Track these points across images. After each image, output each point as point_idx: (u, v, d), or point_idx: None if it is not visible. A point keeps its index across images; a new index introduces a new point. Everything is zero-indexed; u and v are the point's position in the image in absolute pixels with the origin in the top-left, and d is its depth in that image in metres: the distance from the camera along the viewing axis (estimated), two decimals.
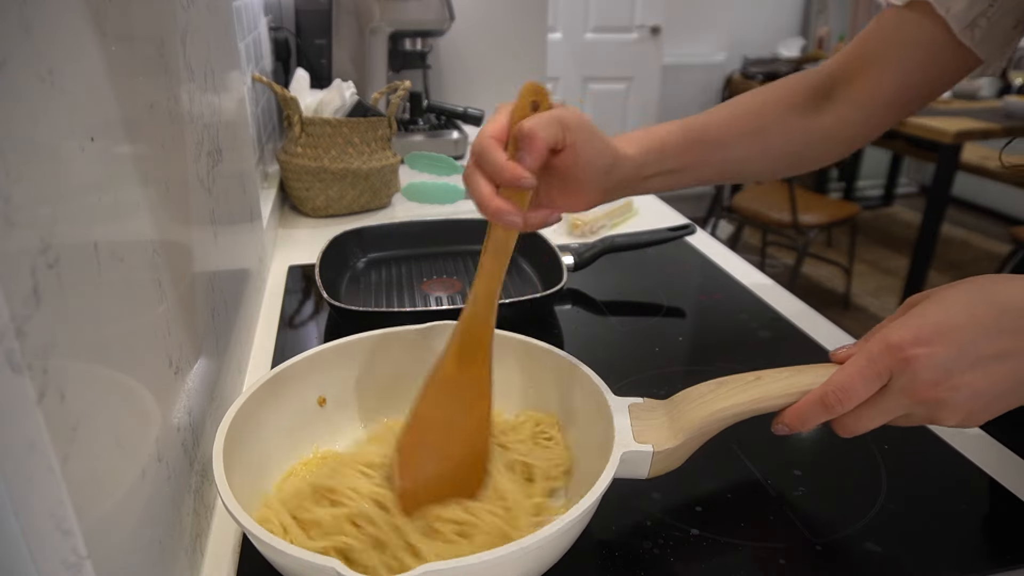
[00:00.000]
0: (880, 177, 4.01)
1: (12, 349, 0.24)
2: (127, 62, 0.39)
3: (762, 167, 0.61)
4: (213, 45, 0.63)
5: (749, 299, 0.83)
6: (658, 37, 3.30)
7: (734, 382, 0.45)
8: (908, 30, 0.55)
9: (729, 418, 0.44)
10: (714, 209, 3.06)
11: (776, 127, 0.59)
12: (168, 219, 0.44)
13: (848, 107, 0.59)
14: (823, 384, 0.42)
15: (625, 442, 0.44)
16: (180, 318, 0.45)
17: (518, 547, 0.36)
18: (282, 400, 0.51)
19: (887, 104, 0.58)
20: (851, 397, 0.41)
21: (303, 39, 1.44)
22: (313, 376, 0.54)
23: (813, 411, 0.42)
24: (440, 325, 0.56)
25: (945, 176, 2.49)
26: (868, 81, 0.58)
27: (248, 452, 0.46)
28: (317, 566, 0.34)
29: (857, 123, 0.59)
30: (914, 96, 0.58)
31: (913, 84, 0.57)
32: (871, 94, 0.58)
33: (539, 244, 0.88)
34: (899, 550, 0.47)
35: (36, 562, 0.27)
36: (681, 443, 0.44)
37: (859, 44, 0.58)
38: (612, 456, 0.42)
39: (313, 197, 1.09)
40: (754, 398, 0.44)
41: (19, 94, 0.26)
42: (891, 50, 0.56)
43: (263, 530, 0.37)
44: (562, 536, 0.38)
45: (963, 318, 0.38)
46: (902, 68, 0.56)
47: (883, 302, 2.92)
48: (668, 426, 0.45)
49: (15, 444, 0.25)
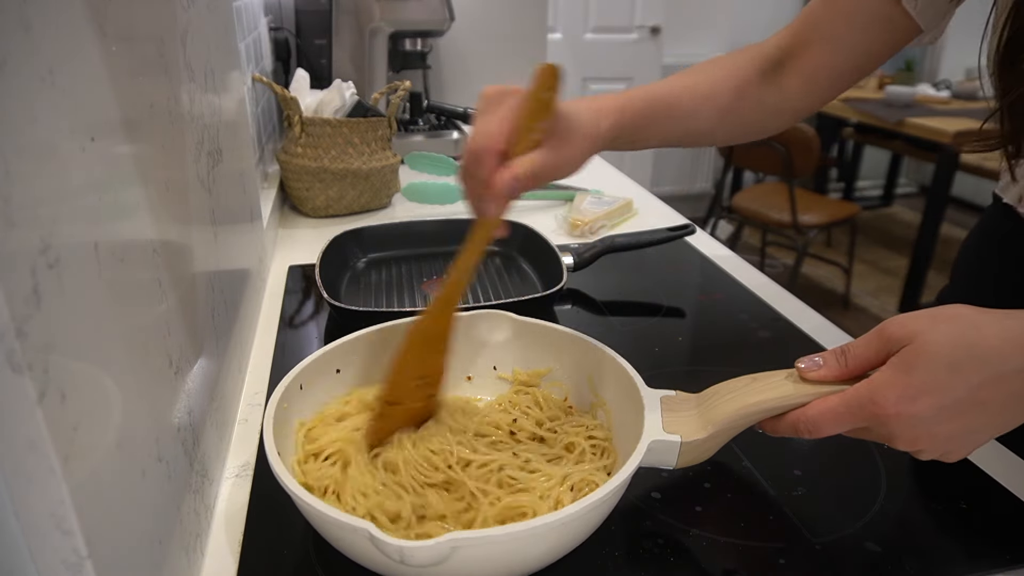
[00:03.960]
0: (880, 177, 4.01)
1: (12, 349, 0.24)
2: (127, 62, 0.39)
3: (716, 132, 0.64)
4: (213, 45, 0.63)
5: (749, 299, 0.83)
6: (658, 37, 3.30)
7: (766, 378, 0.46)
8: (856, 3, 0.58)
9: (759, 413, 0.45)
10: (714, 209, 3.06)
11: (732, 96, 0.62)
12: (168, 219, 0.44)
13: (795, 80, 0.62)
14: (798, 413, 0.43)
15: (654, 431, 0.45)
16: (180, 318, 0.45)
17: (542, 523, 0.37)
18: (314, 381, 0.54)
19: (831, 76, 0.61)
20: (822, 433, 0.43)
21: (303, 39, 1.44)
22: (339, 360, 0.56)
23: (784, 430, 0.45)
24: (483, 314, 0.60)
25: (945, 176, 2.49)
26: (814, 54, 0.60)
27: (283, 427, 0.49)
28: (352, 527, 0.37)
29: (803, 95, 0.62)
30: (857, 67, 0.61)
31: (856, 55, 0.60)
32: (816, 66, 0.61)
33: (539, 244, 0.88)
34: (899, 550, 0.47)
35: (36, 562, 0.27)
36: (709, 435, 0.45)
37: (806, 18, 0.61)
38: (640, 443, 0.44)
39: (313, 197, 1.09)
40: (784, 395, 0.44)
41: (19, 94, 0.26)
42: (835, 23, 0.59)
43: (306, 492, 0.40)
44: (586, 515, 0.40)
45: (946, 375, 0.38)
46: (846, 41, 0.59)
47: (883, 302, 2.92)
48: (697, 418, 0.46)
49: (15, 444, 0.25)
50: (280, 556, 0.46)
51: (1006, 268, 0.65)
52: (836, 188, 3.91)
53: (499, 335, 0.60)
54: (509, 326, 0.60)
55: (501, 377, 0.60)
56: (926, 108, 2.71)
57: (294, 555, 0.46)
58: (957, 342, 0.38)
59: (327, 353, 0.54)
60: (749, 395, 0.45)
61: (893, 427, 0.39)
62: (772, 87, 0.62)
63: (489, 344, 0.60)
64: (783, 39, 0.62)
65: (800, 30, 0.61)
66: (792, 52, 0.61)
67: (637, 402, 0.48)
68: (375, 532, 0.36)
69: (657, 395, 0.48)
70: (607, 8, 3.20)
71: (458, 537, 0.36)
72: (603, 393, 0.54)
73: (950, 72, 3.56)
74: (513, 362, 0.60)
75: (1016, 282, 0.64)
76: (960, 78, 3.27)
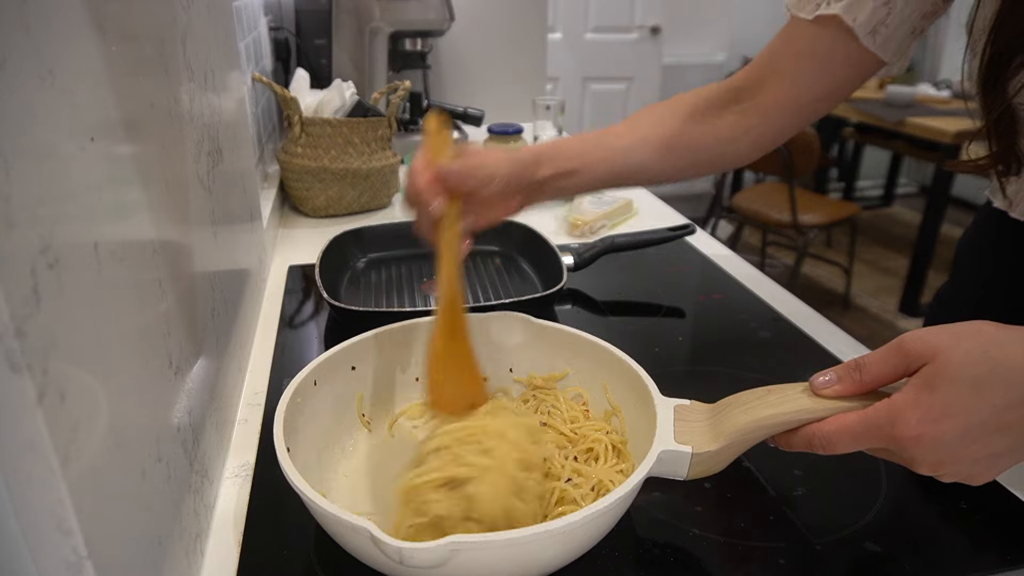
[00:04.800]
0: (880, 177, 4.01)
1: (12, 349, 0.24)
2: (127, 62, 0.38)
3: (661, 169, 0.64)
4: (213, 45, 0.63)
5: (749, 299, 0.83)
6: (658, 37, 3.30)
7: (782, 391, 0.45)
8: (812, 42, 0.58)
9: (772, 427, 0.44)
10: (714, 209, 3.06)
11: (677, 131, 0.63)
12: (168, 219, 0.44)
13: (749, 116, 0.62)
14: (814, 428, 0.42)
15: (665, 441, 0.44)
16: (180, 318, 0.45)
17: (543, 529, 0.37)
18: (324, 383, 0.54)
19: (791, 111, 0.61)
20: (836, 450, 0.42)
21: (303, 39, 1.44)
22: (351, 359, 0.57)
23: (798, 445, 0.44)
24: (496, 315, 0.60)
25: (945, 176, 2.49)
26: (771, 91, 0.61)
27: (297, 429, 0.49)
28: (353, 526, 0.37)
29: (757, 130, 0.62)
30: (817, 100, 0.61)
31: (816, 91, 0.60)
32: (773, 103, 0.61)
33: (539, 244, 0.88)
34: (899, 550, 0.47)
35: (36, 562, 0.27)
36: (721, 447, 0.44)
37: (765, 57, 0.62)
38: (650, 453, 0.43)
39: (313, 197, 1.09)
40: (799, 409, 0.43)
41: (19, 94, 0.26)
42: (794, 60, 0.60)
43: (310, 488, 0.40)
44: (589, 523, 0.39)
45: (969, 396, 0.36)
46: (806, 77, 0.59)
47: (883, 302, 2.92)
48: (710, 430, 0.45)
49: (15, 444, 0.25)
50: (280, 556, 0.46)
51: (1001, 269, 0.65)
52: (836, 188, 3.91)
53: (515, 337, 0.60)
54: (524, 328, 0.60)
55: (517, 380, 0.60)
56: (926, 108, 2.71)
57: (294, 555, 0.46)
58: (980, 360, 0.36)
59: (343, 351, 0.54)
60: (764, 408, 0.44)
61: (914, 450, 0.38)
62: (727, 119, 0.62)
63: (505, 346, 0.60)
64: (739, 79, 0.63)
65: (759, 66, 0.62)
66: (749, 87, 0.62)
67: (650, 409, 0.48)
68: (376, 532, 0.36)
69: (671, 404, 0.48)
70: (607, 8, 3.20)
71: (458, 540, 0.36)
72: (617, 399, 0.54)
73: (950, 72, 3.56)
74: (529, 365, 0.60)
75: (1010, 283, 0.64)
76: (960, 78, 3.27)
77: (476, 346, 0.52)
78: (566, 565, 0.43)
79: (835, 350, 0.71)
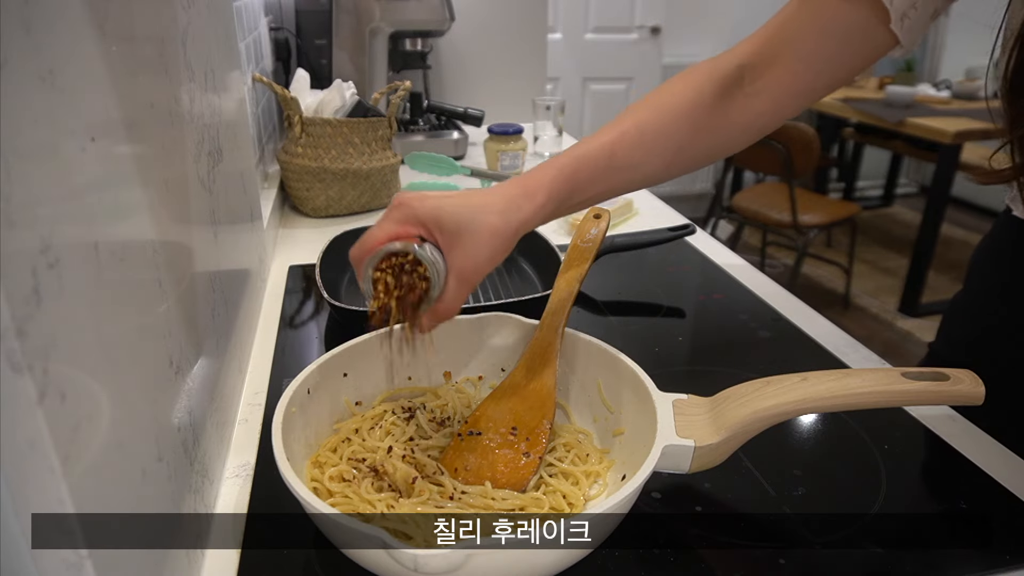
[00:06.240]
0: (880, 177, 4.00)
1: (12, 349, 0.24)
2: (127, 62, 0.38)
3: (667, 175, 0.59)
4: (213, 45, 0.63)
5: (749, 299, 0.83)
6: (658, 37, 3.30)
7: (780, 382, 0.46)
8: (841, 22, 0.54)
9: (772, 418, 0.45)
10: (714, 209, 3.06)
11: (685, 136, 0.56)
12: (168, 219, 0.44)
13: (759, 99, 0.56)
14: None
15: (667, 436, 0.45)
16: (180, 318, 0.45)
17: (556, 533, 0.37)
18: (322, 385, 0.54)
19: (801, 94, 0.57)
20: None
21: (303, 39, 1.44)
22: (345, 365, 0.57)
23: None
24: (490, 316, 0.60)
25: (945, 176, 2.49)
26: (781, 71, 0.56)
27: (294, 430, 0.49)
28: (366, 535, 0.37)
29: (768, 113, 0.58)
30: (826, 83, 0.56)
31: (827, 76, 0.56)
32: (784, 84, 0.56)
33: (539, 244, 0.88)
34: (899, 550, 0.47)
35: (36, 562, 0.27)
36: (722, 440, 0.45)
37: (773, 32, 0.56)
38: (653, 449, 0.44)
39: (313, 197, 1.09)
40: (798, 399, 0.44)
41: (19, 94, 0.26)
42: (818, 40, 0.55)
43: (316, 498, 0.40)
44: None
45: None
46: (823, 60, 0.55)
47: (883, 302, 2.92)
48: (711, 423, 0.46)
49: (16, 444, 0.25)
50: (280, 556, 0.46)
51: (1018, 277, 0.64)
52: (836, 188, 3.91)
53: (507, 338, 0.60)
54: (517, 329, 0.60)
55: None
56: (926, 108, 2.71)
57: (294, 555, 0.46)
58: None
59: (335, 357, 0.54)
60: (762, 399, 0.45)
61: None
62: (733, 106, 0.57)
63: (498, 347, 0.60)
64: (742, 55, 0.56)
65: (767, 44, 0.56)
66: (756, 68, 0.56)
67: (649, 406, 0.48)
68: (388, 539, 0.36)
69: (669, 399, 0.48)
70: (607, 8, 3.20)
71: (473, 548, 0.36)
72: (613, 397, 0.54)
73: (950, 72, 3.55)
74: None
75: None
76: (960, 78, 3.27)
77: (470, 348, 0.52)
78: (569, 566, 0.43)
79: (835, 350, 0.71)
